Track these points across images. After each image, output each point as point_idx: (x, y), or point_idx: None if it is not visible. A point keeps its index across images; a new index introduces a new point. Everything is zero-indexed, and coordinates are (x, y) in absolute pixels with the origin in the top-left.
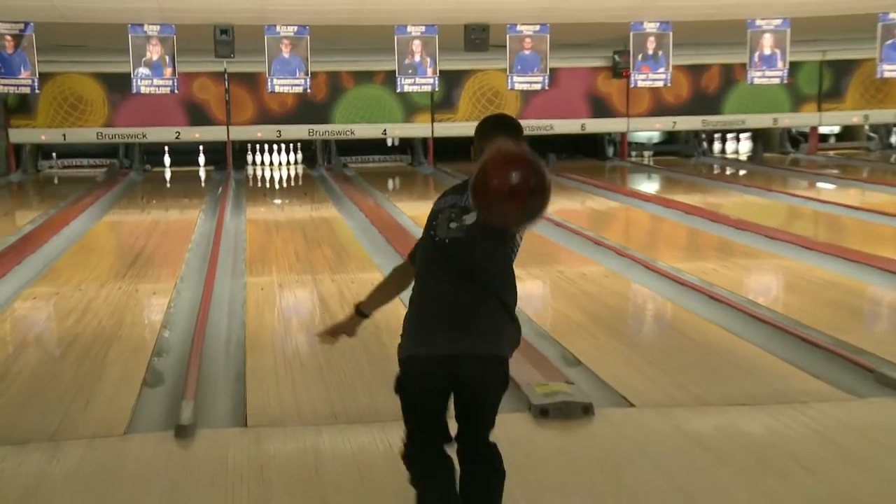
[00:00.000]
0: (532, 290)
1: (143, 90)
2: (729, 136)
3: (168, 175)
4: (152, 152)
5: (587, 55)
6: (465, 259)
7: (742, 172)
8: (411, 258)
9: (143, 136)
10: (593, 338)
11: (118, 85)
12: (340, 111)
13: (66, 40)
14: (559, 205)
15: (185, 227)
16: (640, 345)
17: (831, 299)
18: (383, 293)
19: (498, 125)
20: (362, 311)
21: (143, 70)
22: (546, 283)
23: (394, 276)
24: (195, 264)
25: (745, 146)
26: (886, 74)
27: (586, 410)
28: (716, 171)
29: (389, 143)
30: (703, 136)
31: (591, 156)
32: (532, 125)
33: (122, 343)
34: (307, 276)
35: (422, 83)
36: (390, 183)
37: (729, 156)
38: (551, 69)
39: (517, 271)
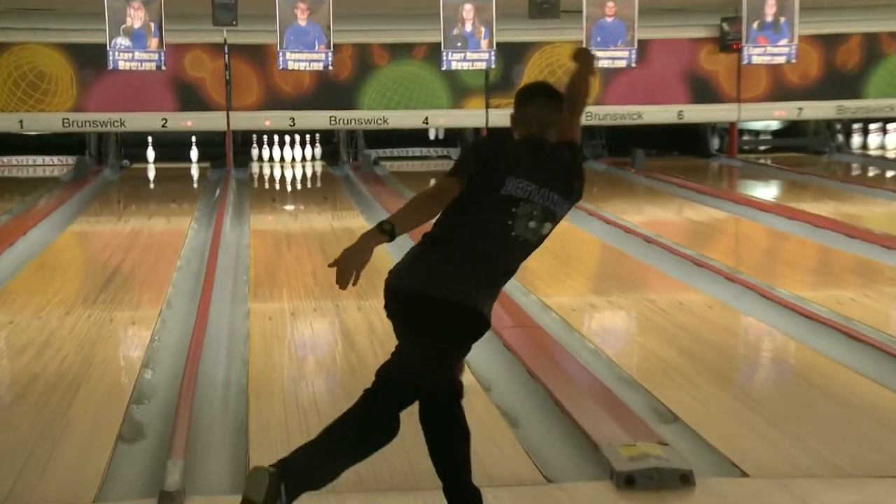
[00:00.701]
0: (614, 323)
1: (122, 66)
2: (872, 126)
3: (152, 173)
4: (132, 144)
5: (687, 23)
6: (513, 261)
7: (891, 174)
8: (461, 179)
9: (122, 123)
10: (693, 386)
11: (90, 59)
12: (370, 94)
13: (25, 2)
14: (648, 215)
15: (173, 240)
16: (755, 396)
17: None
18: (420, 211)
19: (531, 92)
20: (391, 230)
21: (121, 41)
22: (632, 315)
23: (436, 195)
24: (185, 287)
25: (893, 140)
26: None
27: (685, 479)
28: (855, 173)
29: (432, 135)
30: (839, 126)
31: (691, 152)
32: (614, 113)
33: (93, 386)
34: (327, 303)
35: (474, 59)
36: (428, 182)
37: (872, 152)
38: (640, 41)
39: (596, 298)
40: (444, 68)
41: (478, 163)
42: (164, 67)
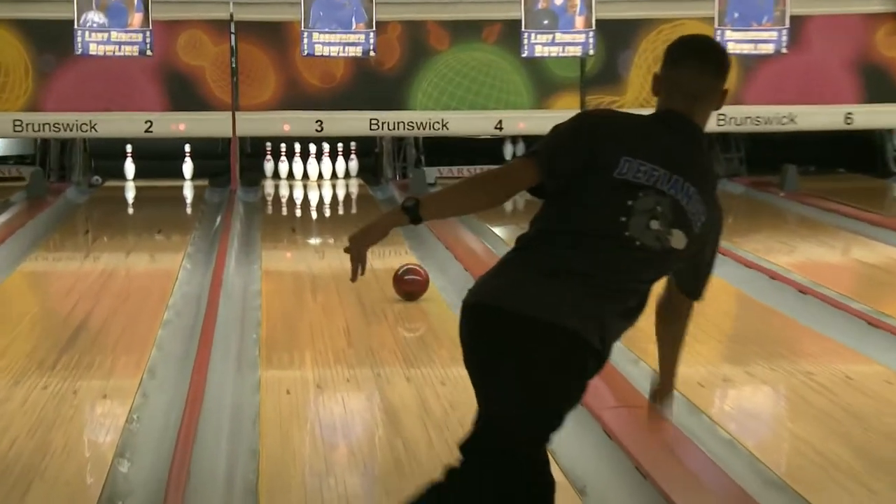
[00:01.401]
0: (756, 404)
1: (95, 50)
2: None
3: (131, 194)
4: (106, 155)
5: None
6: (629, 276)
7: None
8: (540, 159)
9: (92, 127)
10: (867, 491)
11: (51, 41)
12: (425, 90)
13: None
14: (803, 255)
15: (159, 285)
16: None
17: None
18: (466, 196)
19: (687, 50)
20: (413, 209)
21: (93, 16)
22: (781, 392)
23: (497, 178)
24: (174, 349)
25: None
26: None
27: None
28: None
29: (509, 151)
30: None
31: (863, 169)
32: (757, 116)
33: (49, 481)
34: (365, 371)
35: (566, 43)
36: (510, 211)
37: None
38: (793, 18)
39: (732, 369)
40: (524, 55)
41: (573, 138)
42: (150, 52)
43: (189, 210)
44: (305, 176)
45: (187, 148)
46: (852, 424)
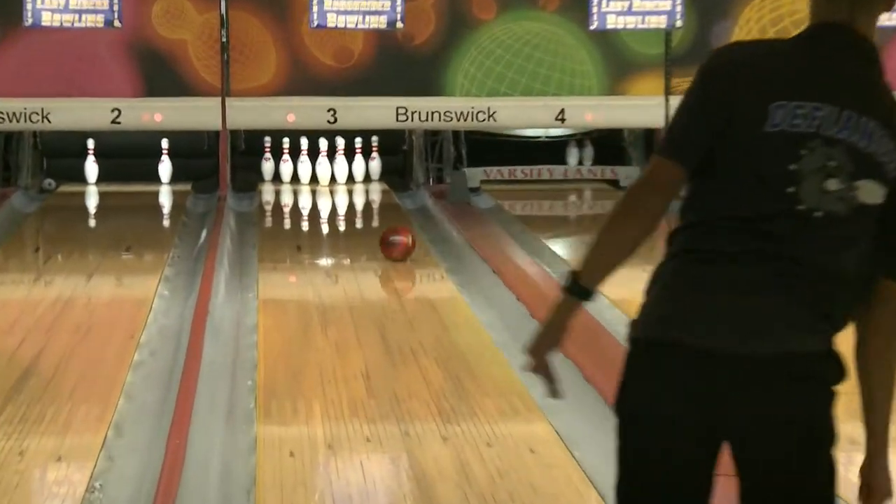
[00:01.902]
0: None
1: (48, 21)
2: None
3: (93, 201)
4: (62, 153)
5: None
6: (818, 256)
7: None
8: (677, 152)
9: (44, 117)
10: None
11: None
12: (467, 70)
13: None
14: None
15: (128, 316)
16: None
17: None
18: (621, 241)
19: None
20: (577, 288)
21: None
22: None
23: (639, 200)
24: (147, 399)
25: None
26: None
27: None
28: None
29: (573, 159)
30: None
31: None
32: None
33: None
34: (389, 428)
35: (646, 12)
36: (572, 226)
37: None
38: None
39: None
40: (593, 27)
41: (701, 104)
42: (118, 23)
43: (167, 222)
44: (314, 179)
45: (165, 144)
46: None
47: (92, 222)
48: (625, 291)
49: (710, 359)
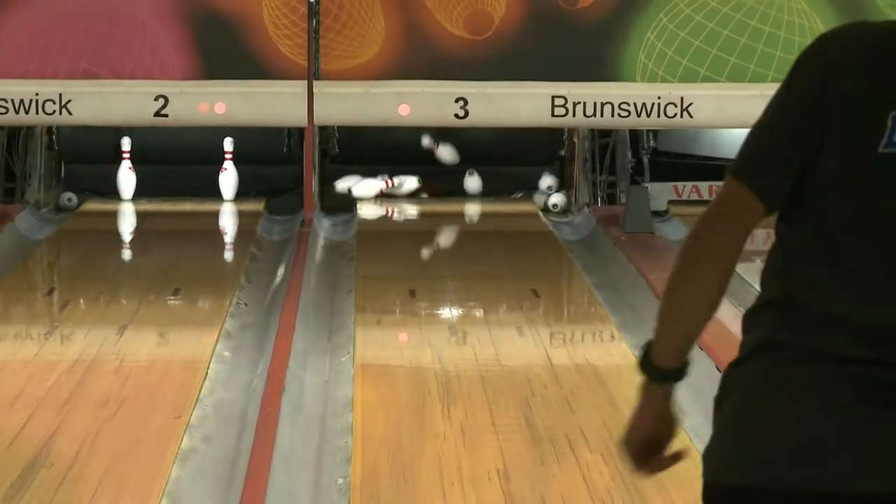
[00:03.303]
0: None
1: None
2: None
3: (128, 224)
4: (86, 157)
5: None
6: None
7: None
8: (750, 178)
9: (63, 106)
10: None
11: None
12: (651, 45)
13: None
14: None
15: (175, 386)
16: None
17: None
18: (684, 297)
19: None
20: (658, 367)
21: None
22: None
23: (703, 242)
24: (200, 499)
25: None
26: None
27: None
28: None
29: None
30: None
31: None
32: None
33: None
34: None
35: None
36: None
37: None
38: None
39: None
40: None
41: (789, 111)
42: None
43: (229, 255)
44: (441, 194)
45: (229, 145)
46: None
47: (126, 254)
48: None
49: None
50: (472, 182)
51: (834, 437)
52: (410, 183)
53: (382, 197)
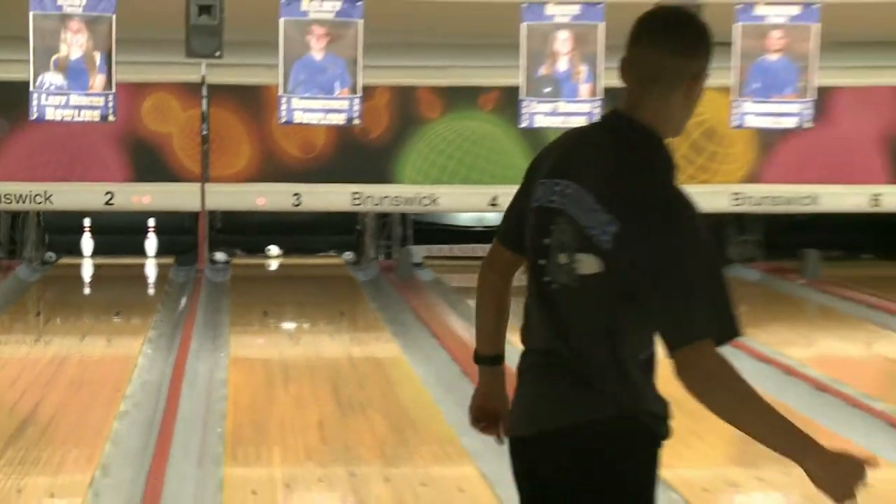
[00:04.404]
0: None
1: (51, 115)
2: None
3: (88, 272)
4: (62, 229)
5: (890, 63)
6: (572, 331)
7: None
8: (500, 238)
9: (46, 198)
10: None
11: (3, 105)
12: (414, 162)
13: None
14: (822, 348)
15: (116, 373)
16: None
17: None
18: (482, 316)
19: (642, 26)
20: (482, 356)
21: (51, 78)
22: (793, 499)
23: (482, 278)
24: (131, 444)
25: None
26: None
27: None
28: None
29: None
30: None
31: (892, 256)
32: (776, 195)
33: None
34: (339, 470)
35: (570, 112)
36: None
37: None
38: (819, 90)
39: (741, 472)
40: (523, 125)
41: (519, 189)
42: (112, 118)
43: (152, 290)
44: (283, 254)
45: (151, 222)
46: None
47: (87, 290)
48: None
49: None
50: (273, 251)
51: (513, 400)
52: (275, 249)
53: (252, 255)
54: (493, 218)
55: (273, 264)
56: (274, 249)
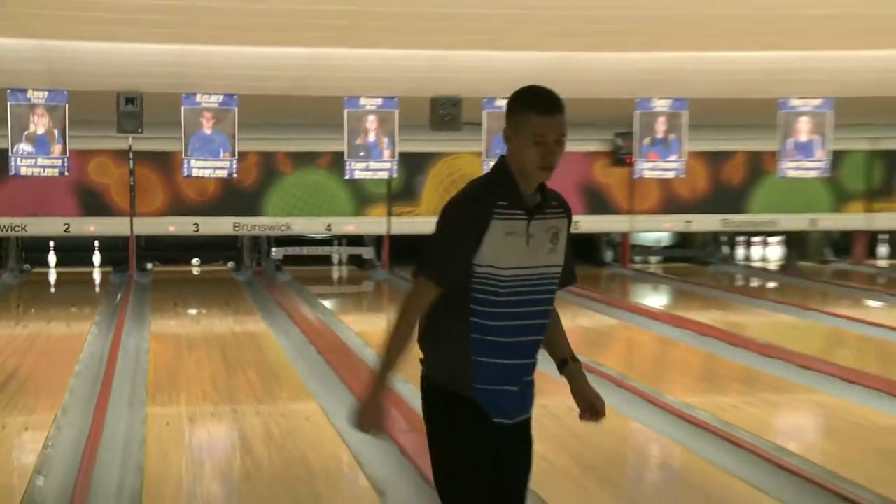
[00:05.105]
0: None
1: (25, 172)
2: (755, 239)
3: (53, 278)
4: (34, 248)
5: (582, 136)
6: None
7: (771, 285)
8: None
9: (23, 228)
10: (582, 489)
11: None
12: (275, 201)
13: None
14: None
15: (72, 345)
16: (641, 500)
17: (883, 447)
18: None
19: (530, 101)
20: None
21: (24, 147)
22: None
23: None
24: (82, 392)
25: (775, 253)
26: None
27: None
28: (739, 283)
29: (336, 258)
30: (724, 239)
31: (586, 261)
32: None
33: None
34: (225, 408)
35: (377, 168)
36: (335, 290)
37: (755, 264)
38: None
39: None
40: (347, 177)
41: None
42: (67, 173)
43: (97, 289)
44: (188, 263)
45: (97, 243)
46: (572, 441)
47: (52, 290)
48: None
49: None
50: (195, 261)
51: None
52: (196, 261)
53: (166, 265)
54: (327, 234)
55: (194, 270)
56: (195, 260)
